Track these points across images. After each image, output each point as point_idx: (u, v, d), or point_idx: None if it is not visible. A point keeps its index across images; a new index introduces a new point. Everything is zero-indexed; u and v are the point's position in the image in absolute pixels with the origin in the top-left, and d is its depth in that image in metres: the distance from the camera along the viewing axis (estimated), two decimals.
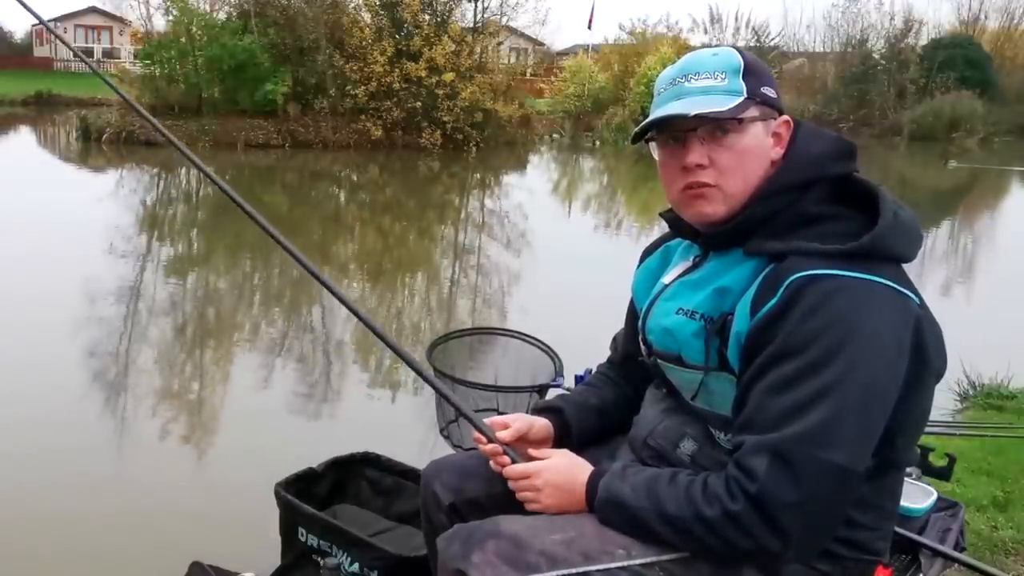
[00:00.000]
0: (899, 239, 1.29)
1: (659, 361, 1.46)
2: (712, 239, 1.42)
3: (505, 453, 1.49)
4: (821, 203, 1.35)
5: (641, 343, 1.53)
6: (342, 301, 1.73)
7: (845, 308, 1.22)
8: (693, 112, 1.32)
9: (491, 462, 1.52)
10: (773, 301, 1.25)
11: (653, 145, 1.44)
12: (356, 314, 1.71)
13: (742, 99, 1.34)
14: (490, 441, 1.51)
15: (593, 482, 1.39)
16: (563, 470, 1.43)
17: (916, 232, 1.33)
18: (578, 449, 1.56)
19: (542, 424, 1.60)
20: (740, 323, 1.30)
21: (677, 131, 1.38)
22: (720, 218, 1.38)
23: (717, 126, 1.34)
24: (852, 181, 1.38)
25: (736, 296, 1.33)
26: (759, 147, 1.36)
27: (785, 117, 1.39)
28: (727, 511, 1.23)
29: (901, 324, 1.25)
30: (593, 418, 1.65)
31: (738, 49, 1.41)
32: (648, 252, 1.65)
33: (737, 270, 1.35)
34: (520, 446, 1.53)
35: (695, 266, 1.46)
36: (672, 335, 1.40)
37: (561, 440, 1.60)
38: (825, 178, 1.36)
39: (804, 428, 1.20)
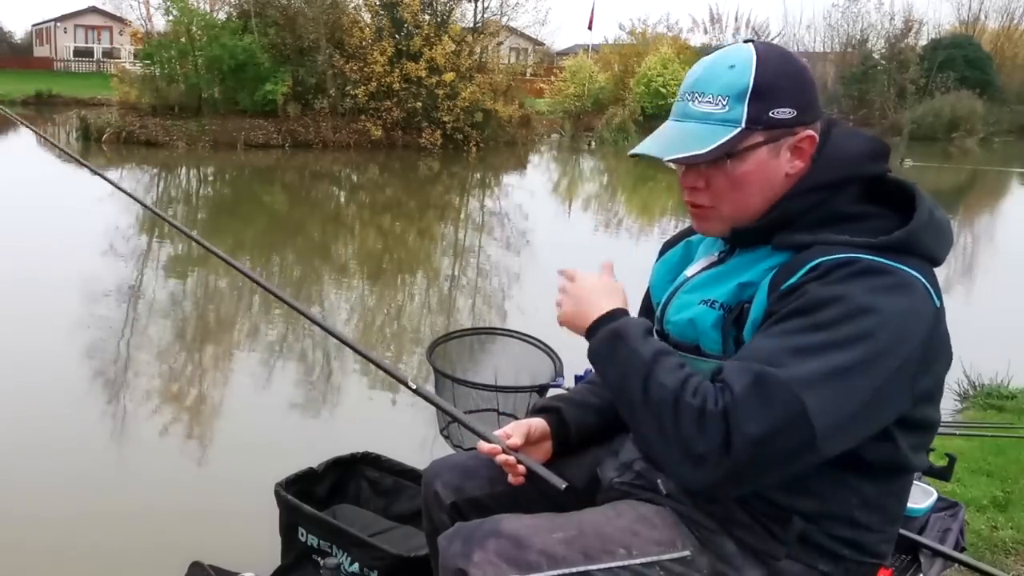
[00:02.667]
0: (931, 237, 1.27)
1: (676, 351, 1.43)
2: (739, 236, 1.40)
3: (520, 462, 1.47)
4: (855, 203, 1.33)
5: (656, 334, 1.51)
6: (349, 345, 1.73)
7: (871, 286, 1.19)
8: (667, 157, 1.33)
9: (510, 477, 1.49)
10: (793, 280, 1.23)
11: None
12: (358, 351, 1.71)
13: (736, 131, 1.30)
14: (502, 450, 1.49)
15: (614, 312, 1.37)
16: (598, 290, 1.42)
17: (949, 233, 1.31)
18: (581, 448, 1.57)
19: (538, 424, 1.58)
20: (757, 309, 1.28)
21: None
22: (720, 234, 1.41)
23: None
24: (886, 181, 1.36)
25: (757, 287, 1.31)
26: (760, 172, 1.33)
27: (807, 132, 1.32)
28: (703, 408, 1.18)
29: (920, 317, 1.22)
30: (593, 417, 1.63)
31: (760, 60, 1.31)
32: (669, 245, 1.63)
33: (762, 265, 1.34)
34: (524, 450, 1.51)
35: (720, 261, 1.44)
36: (693, 325, 1.38)
37: (559, 440, 1.58)
38: (859, 177, 1.34)
39: (793, 370, 1.15)
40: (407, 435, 4.03)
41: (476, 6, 23.77)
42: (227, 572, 2.38)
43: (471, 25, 23.47)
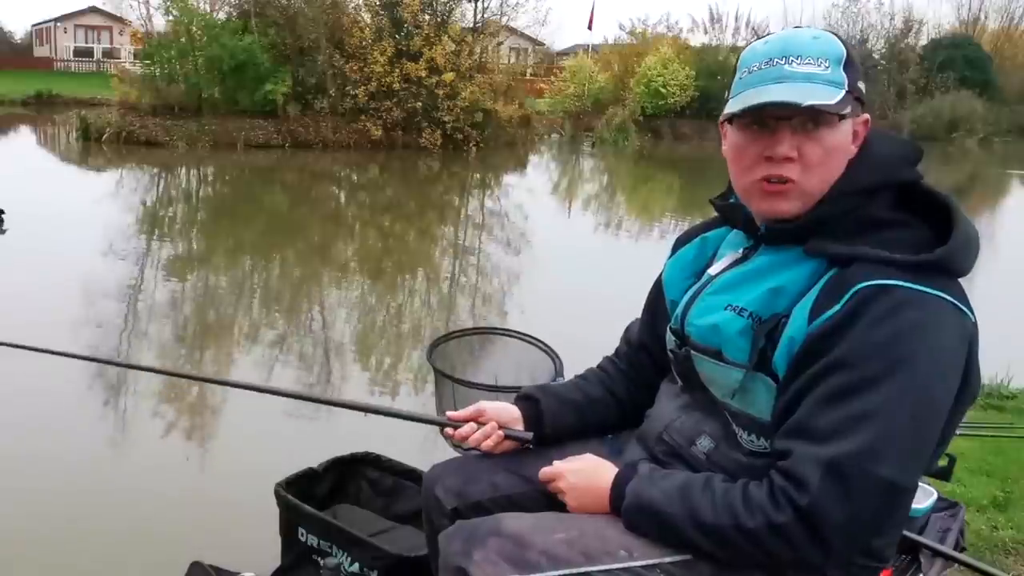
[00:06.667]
0: (966, 255, 1.25)
1: (694, 353, 1.41)
2: (774, 235, 1.36)
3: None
4: (889, 209, 1.30)
5: (671, 333, 1.49)
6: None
7: (912, 324, 1.18)
8: (806, 102, 1.23)
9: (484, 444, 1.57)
10: (836, 308, 1.21)
11: (729, 128, 1.36)
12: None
13: (844, 93, 1.26)
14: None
15: (619, 486, 1.37)
16: (585, 473, 1.42)
17: (978, 246, 1.29)
18: (556, 441, 1.58)
19: (497, 407, 1.61)
20: (795, 328, 1.25)
21: (770, 117, 1.28)
22: (792, 215, 1.31)
23: (813, 119, 1.26)
24: (919, 188, 1.33)
25: (792, 298, 1.28)
26: (845, 145, 1.30)
27: (866, 115, 1.31)
28: (771, 522, 1.20)
29: (960, 344, 1.22)
30: (570, 413, 1.63)
31: (838, 36, 1.32)
32: (682, 242, 1.59)
33: (795, 270, 1.30)
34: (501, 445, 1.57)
35: (744, 258, 1.41)
36: (717, 331, 1.35)
37: (532, 429, 1.60)
38: (895, 182, 1.32)
39: (859, 443, 1.16)
40: (407, 435, 4.02)
41: (476, 6, 23.78)
42: (227, 572, 2.38)
43: (471, 25, 23.45)
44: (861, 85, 1.31)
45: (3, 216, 9.27)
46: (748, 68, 1.32)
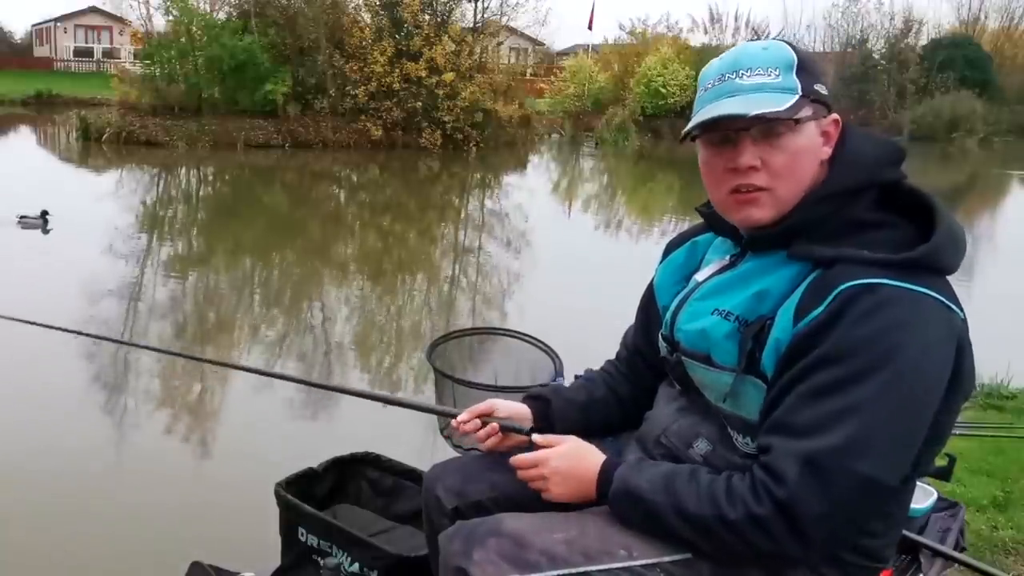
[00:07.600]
0: (950, 252, 1.26)
1: (685, 358, 1.42)
2: (756, 241, 1.37)
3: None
4: (872, 209, 1.31)
5: (662, 339, 1.50)
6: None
7: (896, 321, 1.18)
8: (752, 112, 1.26)
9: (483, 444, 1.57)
10: (820, 309, 1.21)
11: (698, 143, 1.38)
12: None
13: (797, 98, 1.28)
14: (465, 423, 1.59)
15: (607, 472, 1.37)
16: (572, 456, 1.42)
17: (964, 244, 1.29)
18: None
19: (508, 406, 1.61)
20: (780, 330, 1.26)
21: (728, 130, 1.31)
22: (768, 222, 1.33)
23: (771, 126, 1.28)
24: (901, 188, 1.33)
25: (776, 300, 1.29)
26: (812, 148, 1.31)
27: (835, 116, 1.33)
28: (751, 514, 1.21)
29: (947, 341, 1.22)
30: (575, 415, 1.64)
31: (789, 43, 1.34)
32: (673, 246, 1.61)
33: (779, 273, 1.31)
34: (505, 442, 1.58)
35: (731, 264, 1.42)
36: (705, 336, 1.36)
37: (544, 430, 1.59)
38: (877, 183, 1.32)
39: (839, 438, 1.17)
40: (407, 435, 4.03)
41: (476, 6, 23.81)
42: (227, 572, 2.38)
43: (471, 25, 23.48)
44: (819, 87, 1.32)
45: (48, 217, 9.34)
46: (704, 87, 1.36)
